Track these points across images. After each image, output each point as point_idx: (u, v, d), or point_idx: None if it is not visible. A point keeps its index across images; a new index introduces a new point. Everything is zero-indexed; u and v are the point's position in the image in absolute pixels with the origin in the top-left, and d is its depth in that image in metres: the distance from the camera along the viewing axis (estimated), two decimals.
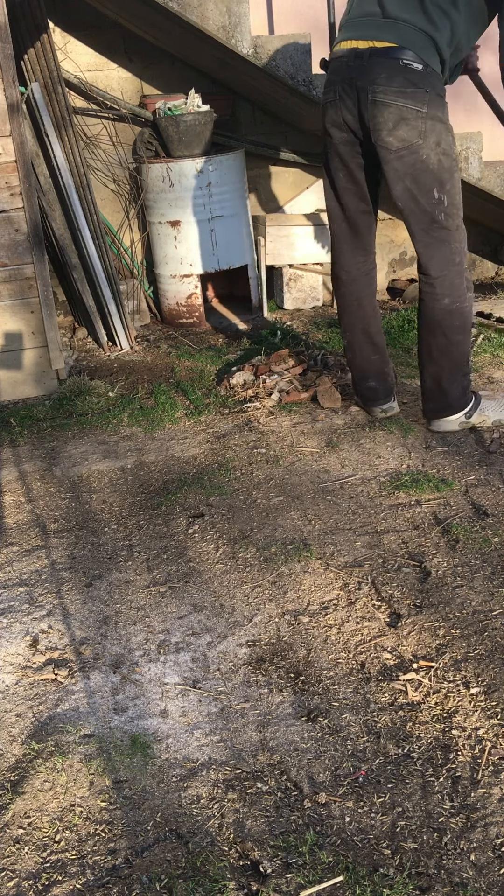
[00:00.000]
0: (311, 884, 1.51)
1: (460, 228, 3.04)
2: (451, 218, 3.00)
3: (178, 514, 2.82)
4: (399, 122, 2.86)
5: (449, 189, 2.96)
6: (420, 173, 2.92)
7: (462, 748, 1.78)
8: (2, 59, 3.60)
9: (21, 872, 1.58)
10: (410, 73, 2.82)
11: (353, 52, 2.91)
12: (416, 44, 2.82)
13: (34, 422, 3.70)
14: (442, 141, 2.90)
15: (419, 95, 2.83)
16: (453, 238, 3.02)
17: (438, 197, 2.95)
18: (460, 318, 3.10)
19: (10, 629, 2.30)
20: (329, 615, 2.25)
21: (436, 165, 2.91)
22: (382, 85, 2.84)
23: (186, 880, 1.53)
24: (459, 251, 3.06)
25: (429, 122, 2.86)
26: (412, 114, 2.85)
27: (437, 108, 2.88)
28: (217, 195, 4.67)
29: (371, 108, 2.88)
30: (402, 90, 2.83)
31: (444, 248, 3.02)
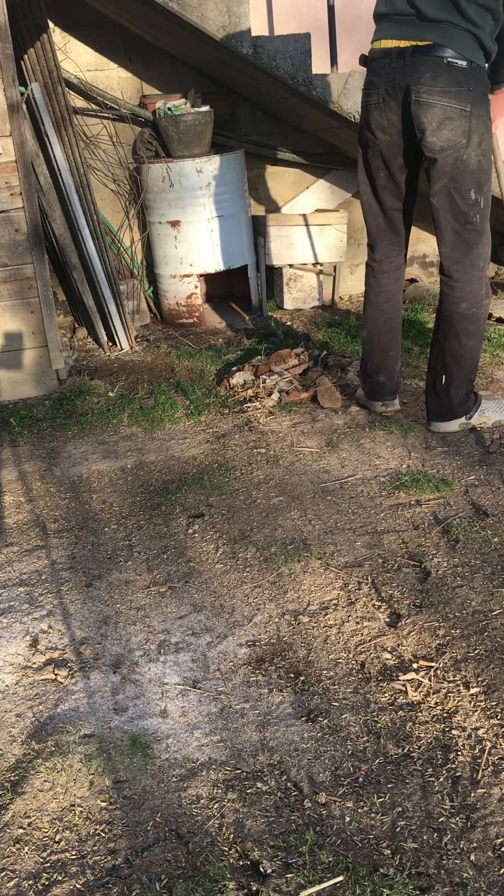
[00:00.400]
0: (311, 884, 1.51)
1: (488, 232, 3.04)
2: (484, 220, 2.99)
3: (178, 514, 2.82)
4: (443, 121, 2.83)
5: (486, 191, 2.96)
6: (460, 173, 2.89)
7: (462, 748, 1.78)
8: (2, 59, 3.60)
9: (21, 872, 1.58)
10: (455, 70, 2.79)
11: (395, 51, 2.88)
12: (459, 41, 2.79)
13: (34, 422, 3.70)
14: (483, 141, 2.88)
15: (463, 94, 2.80)
16: (481, 242, 3.02)
17: (475, 198, 2.93)
18: (476, 323, 3.10)
19: (10, 629, 2.30)
20: (329, 615, 2.25)
21: (475, 166, 2.89)
22: (427, 85, 2.81)
23: (186, 880, 1.53)
24: (484, 256, 3.05)
25: (473, 122, 2.84)
26: (456, 113, 2.82)
27: (482, 107, 2.86)
28: (217, 195, 4.67)
29: (415, 108, 2.85)
30: (447, 89, 2.80)
31: (470, 251, 3.01)
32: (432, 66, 2.80)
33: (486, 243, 3.04)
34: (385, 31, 2.92)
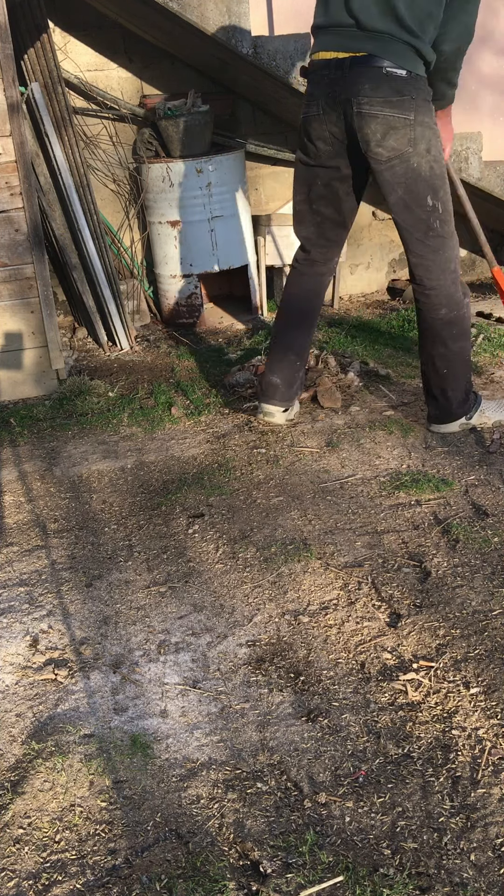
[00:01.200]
0: (311, 884, 1.51)
1: (454, 235, 3.01)
2: (446, 224, 2.96)
3: (178, 514, 2.82)
4: (388, 132, 2.81)
5: (442, 196, 2.92)
6: (413, 182, 2.87)
7: (462, 748, 1.78)
8: (2, 59, 3.60)
9: (21, 872, 1.58)
10: (394, 80, 2.76)
11: (333, 62, 2.84)
12: (397, 52, 2.76)
13: (34, 422, 3.70)
14: (432, 147, 2.86)
15: (405, 103, 2.78)
16: (448, 245, 2.99)
17: (433, 204, 2.91)
18: (459, 325, 3.08)
19: (10, 629, 2.30)
20: (329, 615, 2.25)
21: (428, 172, 2.87)
22: (367, 96, 2.78)
23: (186, 880, 1.53)
24: (454, 258, 3.02)
25: (417, 129, 2.81)
26: (400, 122, 2.79)
27: (425, 114, 2.83)
28: (217, 195, 4.67)
29: (357, 119, 2.82)
30: (388, 99, 2.77)
31: (439, 256, 2.98)
32: (371, 77, 2.77)
33: (452, 246, 3.01)
34: (324, 42, 2.89)
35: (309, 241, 3.22)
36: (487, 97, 5.54)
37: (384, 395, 3.69)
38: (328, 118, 2.90)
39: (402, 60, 2.76)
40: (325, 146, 2.98)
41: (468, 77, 5.50)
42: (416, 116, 2.80)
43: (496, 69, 5.49)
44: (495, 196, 4.87)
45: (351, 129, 2.87)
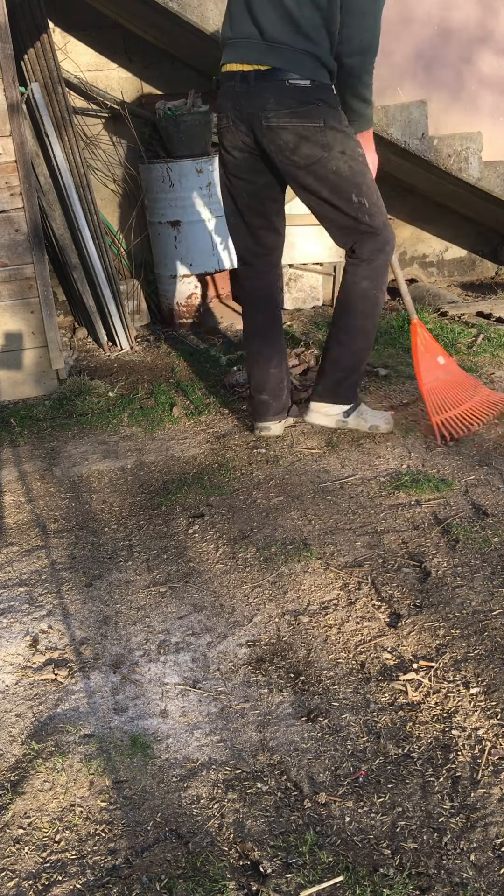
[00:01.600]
0: (311, 884, 1.51)
1: (387, 226, 3.04)
2: (375, 216, 2.99)
3: (178, 514, 2.83)
4: (300, 141, 2.84)
5: (366, 191, 2.95)
6: (335, 184, 2.91)
7: (462, 748, 1.78)
8: (2, 59, 3.60)
9: (21, 872, 1.58)
10: (298, 91, 2.79)
11: (238, 74, 2.86)
12: (299, 64, 2.78)
13: (34, 422, 3.70)
14: (346, 148, 2.88)
15: (312, 111, 2.81)
16: (381, 233, 3.02)
17: (359, 200, 2.94)
18: (372, 306, 3.11)
19: (10, 629, 2.30)
20: (329, 615, 2.25)
21: (348, 172, 2.90)
22: (273, 109, 2.81)
23: (186, 880, 1.53)
24: (391, 244, 3.05)
25: (329, 133, 2.84)
26: (310, 131, 2.82)
27: (333, 119, 2.86)
28: (217, 195, 4.67)
29: (267, 133, 2.86)
30: (295, 110, 2.80)
31: (374, 239, 3.01)
32: (276, 90, 2.80)
33: (387, 236, 3.03)
34: (230, 54, 2.91)
35: (249, 253, 3.23)
36: (487, 97, 5.54)
37: (384, 395, 3.69)
38: (239, 129, 2.93)
39: (304, 70, 2.78)
40: (242, 154, 2.99)
41: (468, 77, 5.50)
42: (325, 121, 2.83)
43: (496, 69, 5.49)
44: (495, 196, 4.88)
45: (260, 141, 2.91)
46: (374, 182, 3.02)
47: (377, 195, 3.01)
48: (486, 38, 5.55)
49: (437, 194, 5.45)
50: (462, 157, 4.72)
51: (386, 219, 3.05)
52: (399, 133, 4.54)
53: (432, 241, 5.83)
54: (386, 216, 3.05)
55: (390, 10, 5.23)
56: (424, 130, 4.59)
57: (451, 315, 4.69)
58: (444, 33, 5.36)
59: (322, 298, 5.27)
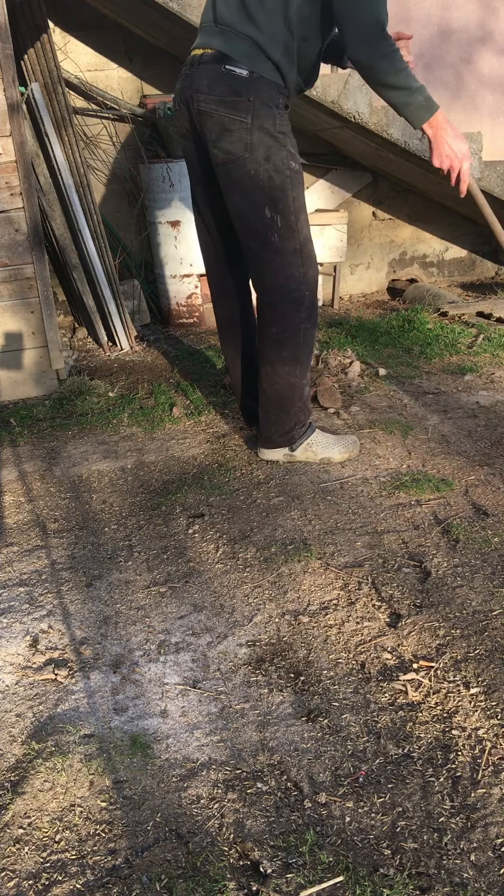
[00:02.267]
0: (311, 884, 1.51)
1: (298, 253, 2.75)
2: (287, 240, 2.73)
3: (178, 514, 2.82)
4: (222, 132, 2.64)
5: (283, 209, 2.69)
6: (250, 189, 2.68)
7: (462, 748, 1.78)
8: (2, 59, 3.60)
9: (21, 872, 1.58)
10: (232, 79, 2.59)
11: (190, 59, 2.72)
12: (239, 49, 2.59)
13: (34, 422, 3.70)
14: (272, 156, 2.65)
15: (241, 104, 2.60)
16: (288, 263, 2.75)
17: (271, 216, 2.70)
18: (290, 350, 2.85)
19: (10, 629, 2.30)
20: (329, 615, 2.25)
21: (266, 182, 2.66)
22: (204, 93, 2.64)
23: (186, 880, 1.53)
24: (297, 278, 2.77)
25: (255, 134, 2.62)
26: (235, 124, 2.62)
27: (265, 119, 2.62)
28: None
29: (198, 117, 2.69)
30: (223, 98, 2.61)
31: (277, 274, 2.77)
32: (210, 74, 2.62)
33: (296, 264, 2.76)
34: (196, 41, 2.77)
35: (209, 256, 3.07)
36: (487, 97, 5.55)
37: (384, 395, 3.69)
38: (182, 115, 2.80)
39: (244, 59, 2.59)
40: (188, 143, 2.85)
41: (468, 77, 5.51)
42: (253, 120, 2.61)
43: (496, 69, 5.49)
44: (495, 196, 4.88)
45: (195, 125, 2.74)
46: (302, 206, 2.74)
47: (296, 218, 2.73)
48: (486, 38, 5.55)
49: (437, 194, 5.46)
50: None
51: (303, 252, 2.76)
52: (399, 133, 4.54)
53: (432, 241, 5.83)
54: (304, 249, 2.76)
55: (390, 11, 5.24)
56: None
57: (451, 315, 4.69)
58: (444, 33, 5.36)
59: (322, 298, 5.27)
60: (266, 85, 2.61)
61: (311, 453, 3.07)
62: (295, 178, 2.70)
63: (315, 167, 5.37)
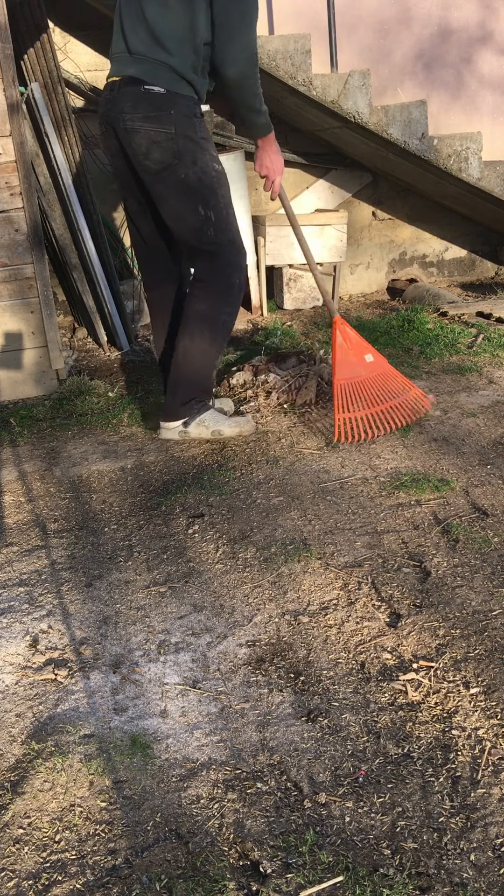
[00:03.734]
0: (311, 884, 1.51)
1: (234, 244, 3.09)
2: (221, 233, 3.06)
3: (178, 514, 2.82)
4: (151, 145, 2.95)
5: (214, 205, 3.02)
6: (182, 192, 3.00)
7: (462, 748, 1.78)
8: (2, 59, 3.60)
9: (21, 872, 1.58)
10: (153, 97, 2.91)
11: (109, 84, 3.03)
12: (153, 73, 2.91)
13: (34, 422, 3.70)
14: (198, 160, 2.97)
15: (164, 118, 2.91)
16: (225, 251, 3.08)
17: (205, 213, 3.03)
18: (212, 328, 3.14)
19: (10, 629, 2.30)
20: (329, 615, 2.25)
21: (196, 183, 2.99)
22: (129, 112, 2.94)
23: (186, 880, 1.53)
24: (233, 265, 3.10)
25: (180, 142, 2.94)
26: (161, 136, 2.93)
27: (187, 128, 2.94)
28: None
29: (124, 136, 2.98)
30: (147, 115, 2.92)
31: (216, 259, 3.09)
32: (132, 95, 2.93)
33: (232, 252, 3.09)
34: (110, 69, 3.07)
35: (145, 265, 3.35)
36: (487, 97, 5.55)
37: None
38: (109, 135, 3.08)
39: (159, 79, 2.91)
40: (118, 161, 3.12)
41: (468, 77, 5.50)
42: (176, 130, 2.93)
43: (496, 69, 5.49)
44: (495, 196, 4.88)
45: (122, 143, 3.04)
46: (229, 202, 3.07)
47: (227, 212, 3.06)
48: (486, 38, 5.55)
49: (437, 194, 5.46)
50: (462, 157, 4.72)
51: (236, 243, 3.09)
52: (399, 133, 4.54)
53: (432, 241, 5.83)
54: (237, 240, 3.09)
55: (390, 10, 5.24)
56: (424, 130, 4.59)
57: (451, 315, 4.69)
58: (444, 33, 5.36)
59: (322, 298, 5.27)
60: (183, 99, 2.95)
61: (202, 428, 3.29)
62: (220, 177, 3.06)
63: (315, 167, 5.37)
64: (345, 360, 3.31)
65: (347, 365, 3.31)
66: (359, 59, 5.14)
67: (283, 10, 4.94)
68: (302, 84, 4.30)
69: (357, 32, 5.17)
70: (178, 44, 2.88)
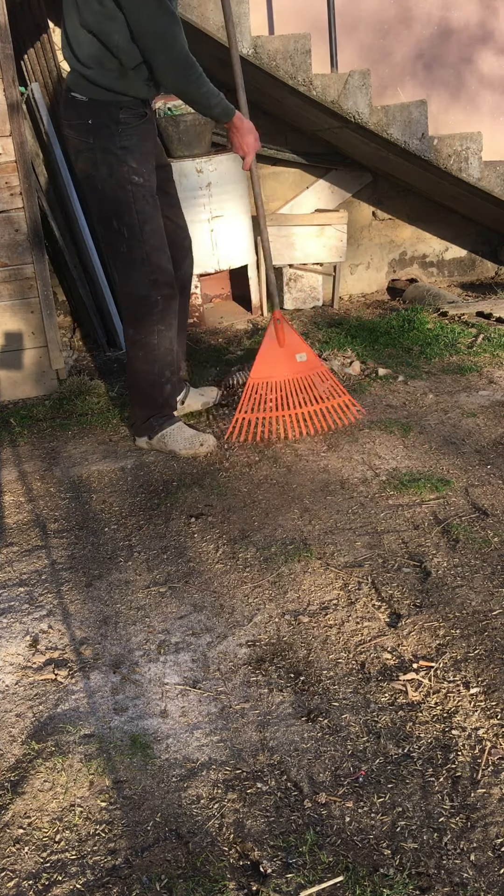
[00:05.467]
0: (311, 884, 1.51)
1: (149, 262, 3.01)
2: (134, 250, 3.00)
3: (178, 514, 2.82)
4: (77, 153, 3.00)
5: (128, 221, 2.97)
6: (98, 203, 3.01)
7: (462, 748, 1.78)
8: (2, 59, 3.60)
9: (21, 872, 1.58)
10: (77, 105, 2.93)
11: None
12: (76, 81, 2.92)
13: (34, 422, 3.70)
14: (114, 173, 2.92)
15: (83, 126, 2.92)
16: (138, 271, 3.02)
17: (118, 228, 2.98)
18: (144, 351, 3.13)
19: (10, 629, 2.30)
20: (329, 615, 2.25)
21: (111, 196, 2.95)
22: (63, 118, 3.02)
23: (186, 880, 1.53)
24: (147, 285, 3.03)
25: (98, 154, 2.92)
26: (83, 146, 2.95)
27: (105, 139, 2.91)
28: (217, 195, 4.67)
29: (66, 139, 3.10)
30: (71, 122, 2.96)
31: (129, 280, 3.06)
32: (65, 100, 2.99)
33: (146, 272, 3.02)
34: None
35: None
36: (487, 97, 5.55)
37: (384, 395, 3.69)
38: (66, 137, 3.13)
39: (80, 87, 2.91)
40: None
41: (468, 77, 5.51)
42: (95, 141, 2.91)
43: (496, 69, 5.49)
44: (495, 196, 4.88)
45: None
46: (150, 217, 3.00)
47: (142, 229, 2.99)
48: (486, 38, 5.55)
49: (437, 194, 5.45)
50: (462, 157, 4.72)
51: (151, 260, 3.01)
52: (399, 133, 4.54)
53: (432, 241, 5.83)
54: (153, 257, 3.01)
55: (390, 10, 5.24)
56: (424, 130, 4.59)
57: (451, 315, 4.69)
58: (444, 33, 5.36)
59: (322, 298, 5.27)
60: (103, 107, 2.91)
61: (162, 444, 3.29)
62: (137, 191, 2.97)
63: (315, 167, 5.36)
64: (267, 357, 3.34)
65: (269, 363, 3.34)
66: (359, 59, 5.13)
67: (283, 10, 4.94)
68: (302, 84, 4.29)
69: (357, 32, 5.17)
70: (93, 59, 2.87)
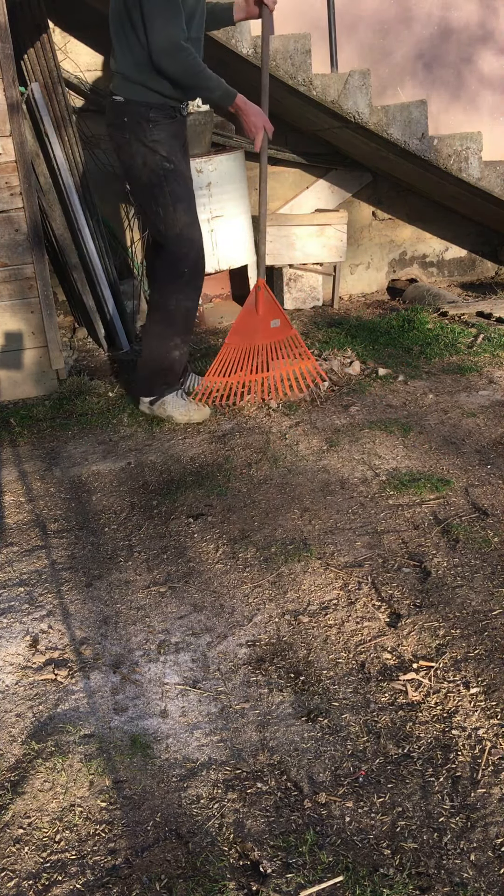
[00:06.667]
0: (311, 884, 1.51)
1: (181, 237, 3.36)
2: (171, 228, 3.36)
3: (178, 514, 2.82)
4: (118, 148, 3.36)
5: (163, 202, 3.33)
6: (138, 191, 3.37)
7: (462, 748, 1.78)
8: (2, 59, 3.60)
9: (21, 872, 1.58)
10: (115, 106, 3.29)
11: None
12: (116, 83, 3.27)
13: (34, 422, 3.70)
14: (148, 161, 3.29)
15: (120, 124, 3.28)
16: (171, 243, 3.38)
17: (155, 210, 3.35)
18: (164, 316, 3.45)
19: (10, 629, 2.30)
20: (329, 615, 2.25)
21: (146, 182, 3.32)
22: (105, 120, 3.38)
23: (186, 880, 1.53)
24: (178, 256, 3.37)
25: (134, 146, 3.29)
26: (122, 140, 3.31)
27: (139, 133, 3.27)
28: (217, 195, 4.67)
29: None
30: (111, 122, 3.33)
31: (164, 251, 3.41)
32: (108, 104, 3.34)
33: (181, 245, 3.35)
34: None
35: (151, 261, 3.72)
36: (487, 97, 5.55)
37: (384, 395, 3.69)
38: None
39: (120, 89, 3.27)
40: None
41: (468, 77, 5.51)
42: (130, 136, 3.28)
43: (496, 69, 5.49)
44: (495, 196, 4.88)
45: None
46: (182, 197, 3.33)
47: (177, 210, 3.33)
48: (486, 38, 5.55)
49: (437, 194, 5.45)
50: (462, 157, 4.72)
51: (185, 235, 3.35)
52: (399, 133, 4.54)
53: (432, 241, 5.83)
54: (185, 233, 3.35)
55: (390, 10, 5.24)
56: (424, 130, 4.59)
57: (451, 315, 4.69)
58: (444, 33, 5.36)
59: (322, 298, 5.27)
60: (136, 105, 3.25)
61: (161, 410, 3.57)
62: (169, 175, 3.33)
63: (315, 167, 5.36)
64: (244, 326, 3.57)
65: (245, 332, 3.56)
66: (359, 59, 5.13)
67: (284, 10, 4.93)
68: (302, 84, 4.29)
69: (357, 32, 5.17)
70: (121, 51, 3.20)
